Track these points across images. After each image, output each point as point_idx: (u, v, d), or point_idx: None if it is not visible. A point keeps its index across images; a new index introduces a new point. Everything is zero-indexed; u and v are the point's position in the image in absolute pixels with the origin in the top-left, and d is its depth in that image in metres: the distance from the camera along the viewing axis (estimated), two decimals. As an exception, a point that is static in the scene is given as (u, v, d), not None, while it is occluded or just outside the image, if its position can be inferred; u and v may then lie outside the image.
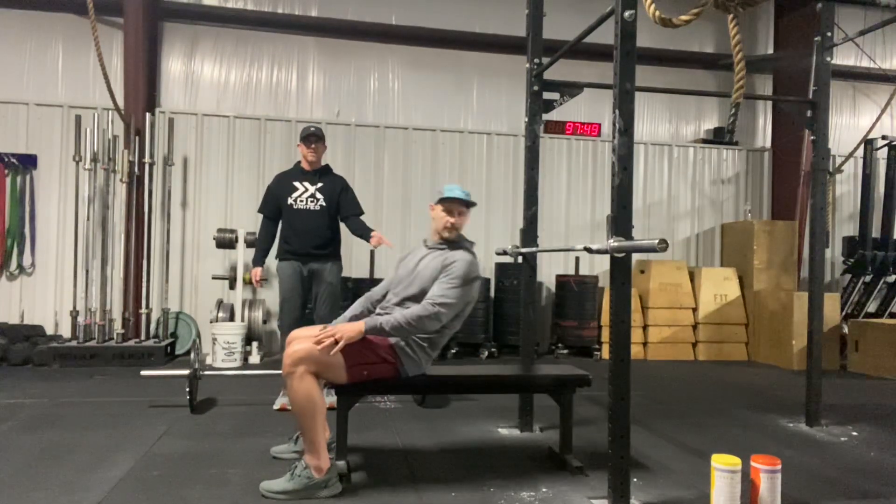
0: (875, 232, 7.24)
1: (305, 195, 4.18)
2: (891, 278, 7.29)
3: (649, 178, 7.66)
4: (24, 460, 2.95)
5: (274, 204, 4.24)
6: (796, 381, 5.38)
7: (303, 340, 2.62)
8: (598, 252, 2.55)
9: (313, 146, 4.18)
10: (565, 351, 6.65)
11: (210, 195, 6.59)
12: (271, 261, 6.56)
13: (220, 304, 6.13)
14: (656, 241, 2.23)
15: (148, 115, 6.04)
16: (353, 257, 6.80)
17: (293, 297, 4.17)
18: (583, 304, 6.58)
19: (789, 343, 6.37)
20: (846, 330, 6.56)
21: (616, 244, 2.45)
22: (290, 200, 4.17)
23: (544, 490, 2.72)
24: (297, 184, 4.21)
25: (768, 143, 8.05)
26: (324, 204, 4.19)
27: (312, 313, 4.28)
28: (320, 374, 2.58)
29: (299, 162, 4.32)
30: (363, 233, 4.13)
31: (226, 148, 6.63)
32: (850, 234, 7.76)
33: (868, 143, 7.37)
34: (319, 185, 4.22)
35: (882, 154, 7.39)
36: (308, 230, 4.16)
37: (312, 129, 4.23)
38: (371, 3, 6.98)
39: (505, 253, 3.96)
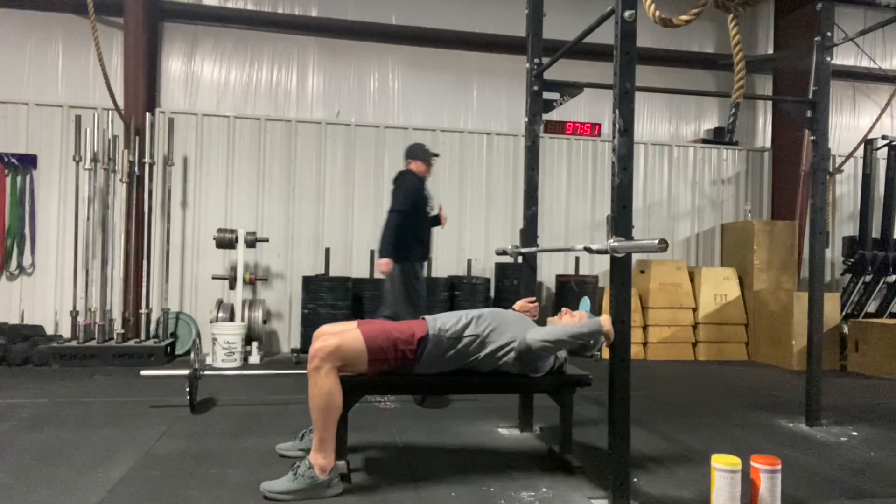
0: (875, 232, 7.24)
1: (433, 203, 4.84)
2: (891, 278, 7.29)
3: (649, 178, 7.66)
4: (24, 460, 2.95)
5: (422, 209, 4.68)
6: (796, 381, 5.38)
7: (329, 336, 2.64)
8: (598, 252, 2.55)
9: (432, 165, 4.85)
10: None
11: (210, 195, 6.59)
12: (272, 260, 6.63)
13: (220, 304, 6.13)
14: (656, 241, 2.23)
15: (148, 115, 6.03)
16: (354, 258, 6.81)
17: (422, 294, 4.74)
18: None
19: (789, 343, 6.37)
20: (846, 330, 6.56)
21: (616, 244, 2.45)
22: (427, 207, 4.75)
23: (544, 490, 2.72)
24: (426, 194, 4.77)
25: (768, 143, 8.05)
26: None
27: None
28: (343, 369, 2.61)
29: (413, 173, 4.74)
30: None
31: (226, 148, 6.63)
32: (850, 234, 7.76)
33: (868, 143, 7.37)
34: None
35: (882, 154, 7.39)
36: (430, 235, 4.84)
37: (427, 147, 4.87)
38: (371, 3, 6.98)
39: (505, 253, 3.96)
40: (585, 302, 3.16)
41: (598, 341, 2.90)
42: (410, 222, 4.53)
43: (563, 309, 3.05)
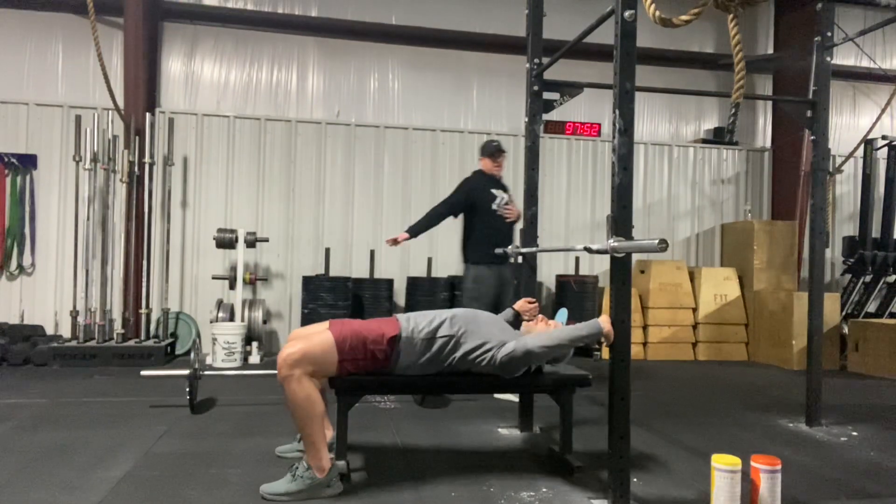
0: (875, 232, 7.24)
1: (503, 203, 4.52)
2: (891, 278, 7.29)
3: (649, 178, 7.66)
4: (24, 460, 2.95)
5: (465, 204, 4.50)
6: (796, 381, 5.38)
7: (296, 342, 2.62)
8: (599, 252, 2.55)
9: (500, 160, 4.61)
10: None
11: (210, 195, 6.59)
12: (272, 260, 6.63)
13: (220, 304, 6.13)
14: (656, 241, 2.23)
15: (148, 115, 6.03)
16: (354, 258, 6.81)
17: (489, 300, 4.38)
18: (583, 304, 6.58)
19: (789, 343, 6.37)
20: (846, 330, 6.56)
21: (616, 244, 2.45)
22: (493, 206, 4.47)
23: (544, 490, 2.72)
24: (494, 191, 4.52)
25: (768, 143, 8.05)
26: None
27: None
28: (315, 374, 2.58)
29: (480, 171, 4.65)
30: None
31: (226, 148, 6.63)
32: (850, 234, 7.76)
33: (868, 143, 7.37)
34: (508, 195, 4.62)
35: (882, 154, 7.39)
36: (508, 236, 4.51)
37: (495, 143, 4.62)
38: (371, 3, 6.98)
39: (505, 253, 3.96)
40: (563, 313, 3.17)
41: (569, 353, 2.94)
42: (470, 223, 4.51)
43: (540, 315, 3.04)
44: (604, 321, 2.58)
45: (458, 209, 4.58)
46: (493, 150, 4.60)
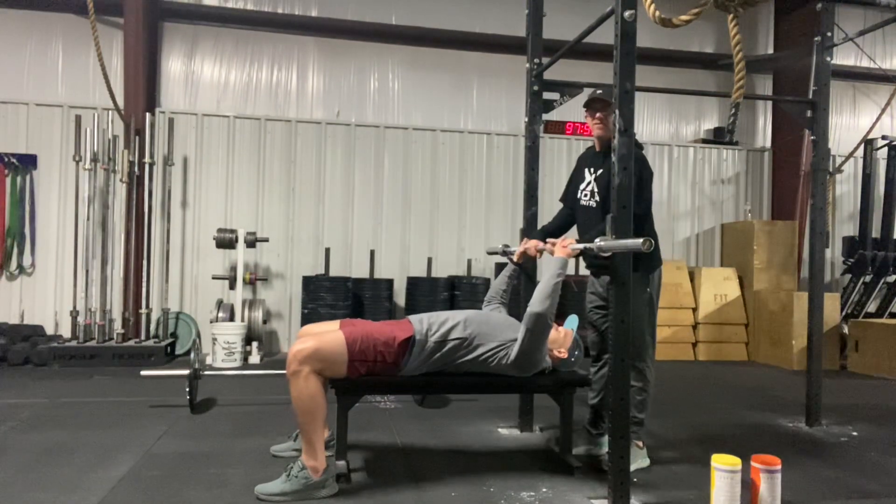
0: (875, 232, 7.24)
1: (590, 187, 3.19)
2: (891, 278, 7.29)
3: (649, 178, 7.65)
4: (24, 460, 2.95)
5: (571, 193, 3.39)
6: (796, 381, 5.38)
7: (308, 339, 2.63)
8: (587, 252, 2.60)
9: (598, 115, 3.11)
10: (565, 351, 6.63)
11: (210, 195, 6.59)
12: (272, 260, 6.63)
13: (220, 304, 6.13)
14: (640, 241, 2.25)
15: (148, 115, 6.03)
16: (354, 258, 6.81)
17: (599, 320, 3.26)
18: (582, 304, 6.55)
19: (789, 343, 6.37)
20: (846, 330, 6.56)
21: (602, 244, 2.48)
22: (578, 195, 3.25)
23: (544, 490, 2.72)
24: (586, 171, 3.24)
25: (768, 143, 8.05)
26: (598, 198, 3.13)
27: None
28: (323, 372, 2.59)
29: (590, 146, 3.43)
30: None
31: (226, 148, 6.63)
32: (850, 234, 7.76)
33: (868, 143, 7.37)
34: (602, 170, 3.12)
35: (882, 154, 7.39)
36: (591, 226, 3.13)
37: (598, 92, 3.14)
38: (371, 3, 6.98)
39: (504, 253, 3.89)
40: (573, 319, 3.16)
41: (581, 355, 3.03)
42: (570, 209, 3.47)
43: (553, 323, 3.05)
44: (559, 250, 2.85)
45: (568, 202, 3.50)
46: (585, 103, 3.18)
